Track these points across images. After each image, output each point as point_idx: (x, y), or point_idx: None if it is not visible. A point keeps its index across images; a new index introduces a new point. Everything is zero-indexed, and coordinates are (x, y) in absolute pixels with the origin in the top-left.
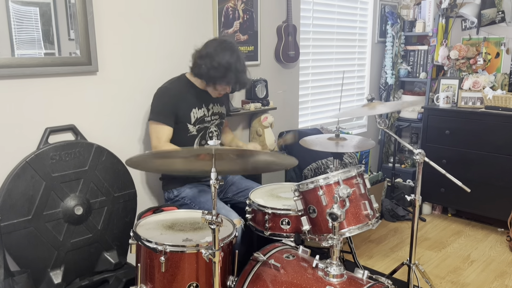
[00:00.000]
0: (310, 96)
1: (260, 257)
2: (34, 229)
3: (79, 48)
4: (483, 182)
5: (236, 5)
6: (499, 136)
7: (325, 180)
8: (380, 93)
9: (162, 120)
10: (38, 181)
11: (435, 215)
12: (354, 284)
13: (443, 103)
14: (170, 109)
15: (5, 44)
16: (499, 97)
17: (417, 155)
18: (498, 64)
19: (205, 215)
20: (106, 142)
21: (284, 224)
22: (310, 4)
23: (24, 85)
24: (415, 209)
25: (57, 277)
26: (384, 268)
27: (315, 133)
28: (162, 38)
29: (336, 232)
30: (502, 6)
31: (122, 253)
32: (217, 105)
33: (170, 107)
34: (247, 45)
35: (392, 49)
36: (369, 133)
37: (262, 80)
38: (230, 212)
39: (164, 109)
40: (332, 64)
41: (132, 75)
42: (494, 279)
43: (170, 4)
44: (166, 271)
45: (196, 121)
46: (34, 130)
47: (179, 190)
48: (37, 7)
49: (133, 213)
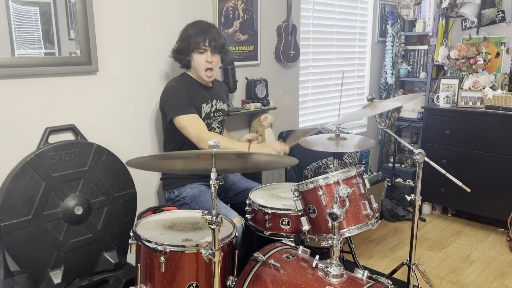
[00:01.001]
0: (310, 96)
1: (260, 257)
2: (34, 229)
3: (79, 48)
4: (483, 182)
5: (236, 5)
6: (499, 136)
7: (325, 180)
8: (380, 93)
9: (189, 111)
10: (38, 181)
11: (435, 215)
12: (354, 284)
13: (443, 103)
14: (188, 100)
15: (5, 44)
16: (499, 97)
17: (417, 155)
18: (498, 64)
19: (205, 215)
20: (106, 142)
21: (284, 224)
22: (310, 4)
23: (24, 84)
24: (415, 209)
25: (57, 277)
26: (384, 268)
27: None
28: (162, 38)
29: (336, 232)
30: (502, 6)
31: (122, 253)
32: (220, 102)
33: (188, 99)
34: (247, 45)
35: (392, 49)
36: (369, 133)
37: (262, 80)
38: (230, 211)
39: (185, 101)
40: (332, 64)
41: (132, 75)
42: (494, 279)
43: (170, 4)
44: (166, 271)
45: (205, 117)
46: (34, 129)
47: (179, 190)
48: (37, 6)
49: (133, 213)
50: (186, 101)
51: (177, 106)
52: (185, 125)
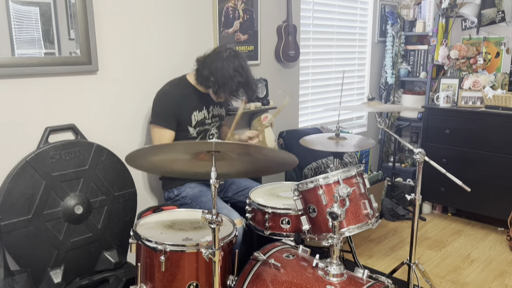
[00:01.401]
0: (310, 96)
1: (260, 256)
2: (34, 229)
3: (79, 47)
4: (483, 181)
5: (236, 5)
6: (499, 135)
7: (325, 179)
8: (380, 92)
9: (163, 124)
10: (38, 180)
11: (435, 215)
12: (354, 283)
13: (443, 102)
14: (171, 112)
15: (5, 44)
16: (499, 96)
17: (417, 154)
18: (498, 63)
19: (205, 214)
20: (106, 141)
21: (284, 224)
22: (310, 4)
23: (24, 84)
24: (415, 208)
25: (57, 276)
26: (384, 267)
27: (315, 132)
28: (162, 38)
29: (336, 231)
30: (502, 6)
31: (122, 252)
32: (217, 107)
33: (171, 110)
34: (247, 45)
35: (392, 49)
36: (369, 133)
37: (262, 80)
38: (231, 212)
39: (165, 113)
40: (332, 63)
41: (132, 75)
42: (494, 279)
43: (170, 4)
44: (166, 270)
45: (197, 124)
46: (34, 129)
47: (179, 189)
48: (37, 6)
49: (133, 212)
50: (167, 112)
51: (157, 114)
52: (153, 135)
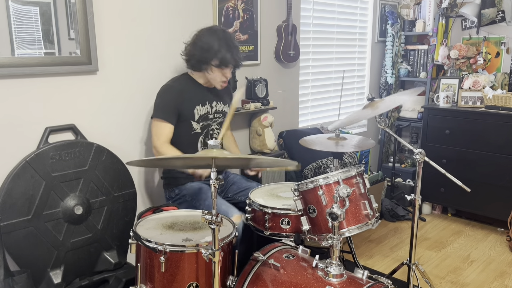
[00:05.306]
0: (310, 96)
1: (260, 257)
2: (34, 229)
3: (79, 47)
4: (483, 182)
5: (236, 5)
6: (499, 135)
7: (325, 179)
8: (380, 92)
9: (163, 118)
10: (38, 180)
11: (435, 215)
12: (354, 284)
13: (443, 102)
14: (173, 106)
15: (5, 44)
16: (499, 96)
17: (417, 154)
18: (498, 63)
19: (205, 214)
20: (106, 141)
21: (284, 224)
22: (310, 3)
23: (24, 84)
24: (415, 209)
25: (57, 277)
26: (384, 268)
27: (315, 132)
28: (162, 38)
29: (336, 232)
30: (502, 6)
31: (122, 253)
32: (220, 103)
33: (173, 104)
34: (247, 45)
35: (392, 49)
36: (369, 133)
37: (262, 80)
38: (230, 208)
39: (167, 106)
40: (332, 63)
41: (132, 75)
42: (494, 279)
43: (170, 4)
44: (166, 271)
45: (200, 118)
46: (34, 129)
47: (180, 188)
48: (37, 6)
49: (133, 212)
50: (168, 105)
51: (158, 108)
52: (152, 128)
